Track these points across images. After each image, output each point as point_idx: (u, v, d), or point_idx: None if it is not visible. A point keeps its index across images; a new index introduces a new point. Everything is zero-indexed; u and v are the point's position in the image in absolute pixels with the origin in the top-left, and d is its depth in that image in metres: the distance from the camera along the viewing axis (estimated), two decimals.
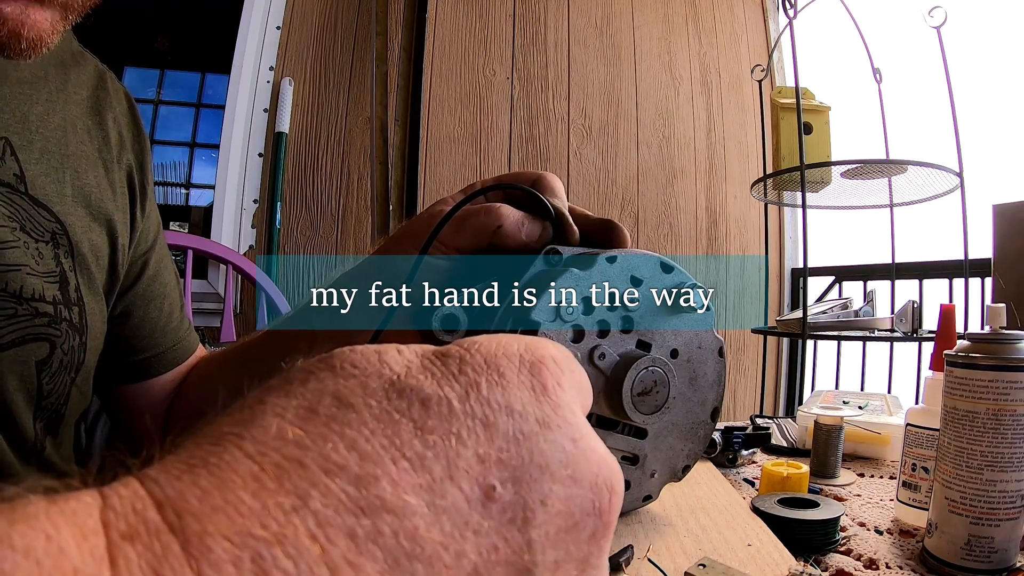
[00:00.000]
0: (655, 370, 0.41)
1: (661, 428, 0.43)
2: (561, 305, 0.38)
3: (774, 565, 0.36)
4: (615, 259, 0.40)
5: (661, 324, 0.42)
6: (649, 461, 0.43)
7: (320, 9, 1.74)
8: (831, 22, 1.58)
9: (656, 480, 0.44)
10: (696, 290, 0.42)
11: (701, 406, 0.44)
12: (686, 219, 2.01)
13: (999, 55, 1.51)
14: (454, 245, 0.40)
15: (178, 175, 2.24)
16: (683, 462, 0.44)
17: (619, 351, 0.41)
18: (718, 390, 0.45)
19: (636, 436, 0.42)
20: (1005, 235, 1.02)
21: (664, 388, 0.41)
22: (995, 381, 0.37)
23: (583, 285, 0.39)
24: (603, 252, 0.40)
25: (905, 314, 1.35)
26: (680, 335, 0.43)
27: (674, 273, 0.42)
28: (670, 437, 0.43)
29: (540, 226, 0.40)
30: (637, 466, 0.43)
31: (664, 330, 0.42)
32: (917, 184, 1.42)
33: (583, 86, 1.93)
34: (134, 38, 2.15)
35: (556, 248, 0.39)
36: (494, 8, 1.87)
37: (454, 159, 1.80)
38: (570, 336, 0.40)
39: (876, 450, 0.68)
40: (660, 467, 0.43)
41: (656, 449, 0.43)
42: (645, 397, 0.40)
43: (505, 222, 0.38)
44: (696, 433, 0.44)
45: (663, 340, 0.42)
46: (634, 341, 0.41)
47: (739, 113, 2.08)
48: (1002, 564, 0.38)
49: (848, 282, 1.85)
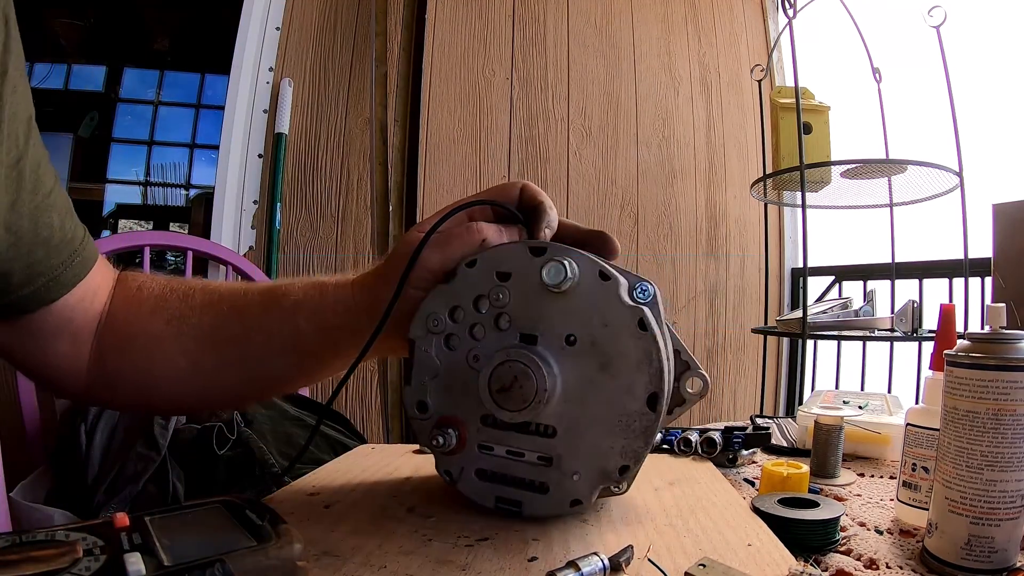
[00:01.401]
0: (511, 364, 0.38)
1: (572, 425, 0.39)
2: (429, 318, 0.41)
3: (774, 565, 0.36)
4: (475, 262, 0.41)
5: (546, 311, 0.39)
6: (566, 462, 0.40)
7: (320, 10, 1.74)
8: (831, 22, 1.58)
9: (581, 483, 0.40)
10: (549, 265, 0.38)
11: (627, 394, 0.38)
12: (686, 219, 2.01)
13: (999, 55, 1.51)
14: (442, 268, 0.42)
15: (178, 176, 2.24)
16: (617, 462, 0.39)
17: (496, 349, 0.40)
18: (649, 370, 0.37)
19: (544, 435, 0.40)
20: (1005, 235, 1.02)
21: (528, 381, 0.38)
22: (995, 381, 0.37)
23: (448, 296, 0.41)
24: (466, 259, 0.41)
25: (905, 314, 1.35)
26: (571, 318, 0.38)
27: (546, 254, 0.39)
28: (589, 434, 0.39)
29: (517, 231, 0.43)
30: (553, 467, 0.40)
31: (551, 316, 0.39)
32: (917, 184, 1.42)
33: (583, 86, 1.93)
34: (134, 38, 2.15)
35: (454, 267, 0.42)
36: (494, 8, 1.87)
37: (454, 159, 1.80)
38: (446, 345, 0.42)
39: (876, 450, 0.68)
40: (583, 468, 0.39)
41: (572, 448, 0.39)
42: (507, 393, 0.38)
43: (487, 234, 0.42)
44: (629, 426, 0.38)
45: (551, 327, 0.39)
46: (516, 336, 0.40)
47: (739, 113, 2.08)
48: (1002, 564, 0.38)
49: (848, 282, 1.85)
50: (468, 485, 0.43)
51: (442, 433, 0.40)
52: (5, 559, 0.23)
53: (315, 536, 0.39)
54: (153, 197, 2.17)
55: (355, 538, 0.39)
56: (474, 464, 0.42)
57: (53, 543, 0.24)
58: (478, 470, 0.42)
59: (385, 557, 0.36)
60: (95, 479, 0.95)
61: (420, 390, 0.42)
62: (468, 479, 0.42)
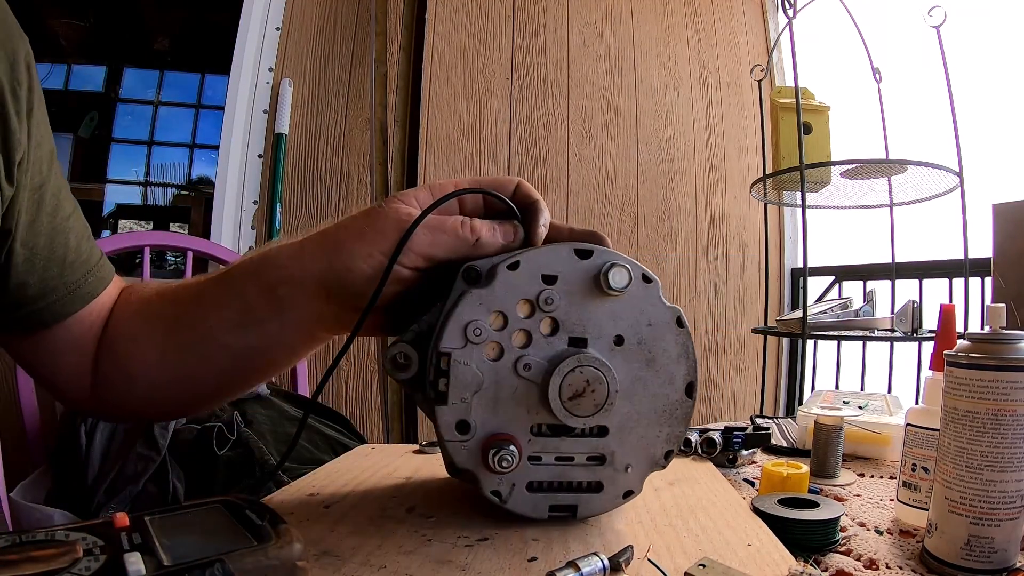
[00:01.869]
0: (585, 369, 0.38)
1: (623, 421, 0.40)
2: (468, 327, 0.37)
3: (774, 565, 0.36)
4: (517, 264, 0.38)
5: (594, 314, 0.39)
6: (619, 457, 0.41)
7: (319, 10, 1.74)
8: (831, 22, 1.58)
9: (633, 473, 0.41)
10: (615, 269, 0.38)
11: (670, 385, 0.41)
12: (686, 219, 2.01)
13: (999, 55, 1.51)
14: (426, 255, 0.40)
15: (178, 176, 2.24)
16: (663, 448, 0.41)
17: (549, 355, 0.38)
18: (687, 363, 0.41)
19: (597, 436, 0.40)
20: (1005, 235, 1.02)
21: (601, 384, 0.38)
22: (995, 381, 0.37)
23: (489, 301, 0.38)
24: (504, 260, 0.39)
25: (905, 314, 1.35)
26: (620, 319, 0.39)
27: (595, 256, 0.39)
28: (639, 427, 0.41)
29: (511, 227, 0.41)
30: (606, 465, 0.41)
31: (599, 319, 0.39)
32: (917, 184, 1.42)
33: (583, 86, 1.93)
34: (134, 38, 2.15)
35: (472, 266, 0.39)
36: (494, 8, 1.87)
37: (454, 160, 1.80)
38: (490, 355, 0.38)
39: (876, 450, 0.68)
40: (635, 459, 0.41)
41: (624, 443, 0.41)
42: (579, 400, 0.38)
43: (482, 234, 0.40)
44: (672, 415, 0.41)
45: (600, 330, 0.39)
46: (565, 340, 0.39)
47: (739, 113, 2.08)
48: (1002, 564, 0.38)
49: (848, 282, 1.85)
50: (519, 501, 0.40)
51: (504, 452, 0.37)
52: (5, 559, 0.23)
53: (315, 536, 0.39)
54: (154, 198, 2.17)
55: (355, 538, 0.38)
56: (525, 478, 0.40)
57: (53, 543, 0.24)
58: (529, 483, 0.40)
59: (385, 557, 0.36)
60: (95, 479, 0.95)
61: (461, 408, 0.38)
62: (519, 495, 0.40)
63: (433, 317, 0.39)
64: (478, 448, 0.38)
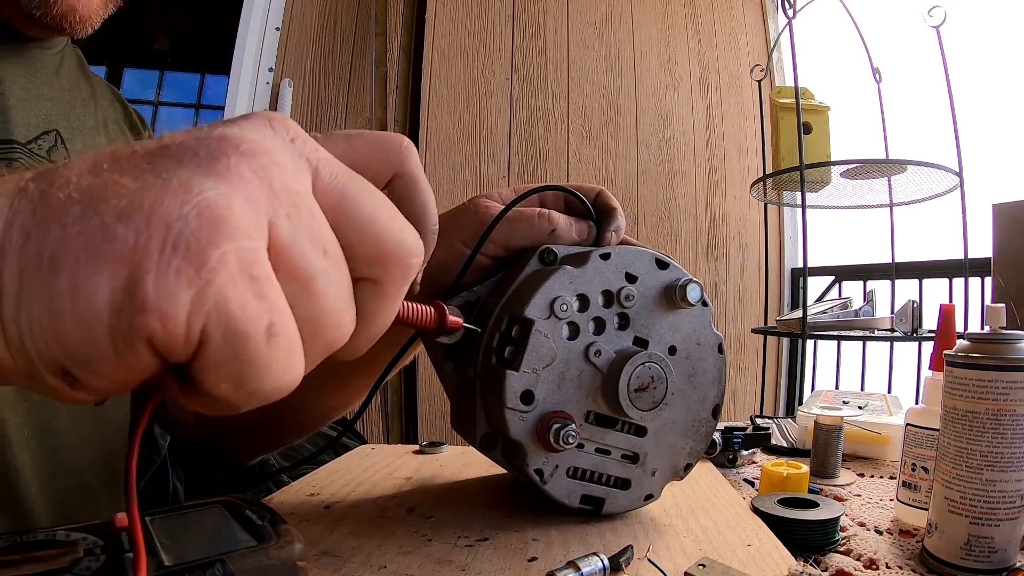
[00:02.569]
0: (652, 366, 0.40)
1: (661, 426, 0.42)
2: (556, 301, 0.38)
3: (774, 565, 0.36)
4: (609, 256, 0.40)
5: (658, 321, 0.42)
6: (650, 459, 0.42)
7: (319, 10, 1.74)
8: (831, 22, 1.58)
9: (658, 479, 0.43)
10: (692, 285, 0.41)
11: (701, 403, 0.43)
12: (686, 219, 2.01)
13: (999, 55, 1.51)
14: (505, 244, 0.43)
15: None
16: (684, 460, 0.44)
17: (615, 348, 0.40)
18: (719, 387, 0.44)
19: (636, 434, 0.42)
20: (1005, 235, 1.02)
21: (662, 384, 0.40)
22: (995, 381, 0.37)
23: (578, 282, 0.40)
24: (597, 249, 0.41)
25: (905, 314, 1.35)
26: (678, 331, 0.42)
27: (670, 269, 0.42)
28: (671, 435, 0.43)
29: (586, 225, 0.44)
30: (638, 464, 0.42)
31: (661, 327, 0.42)
32: (917, 184, 1.42)
33: (582, 87, 1.94)
34: (134, 38, 2.15)
35: (551, 247, 0.41)
36: (494, 9, 1.87)
37: (454, 160, 1.80)
38: (566, 333, 0.39)
39: (876, 450, 0.68)
40: (661, 465, 0.43)
41: (657, 447, 0.42)
42: (642, 393, 0.40)
43: (558, 225, 0.42)
44: (697, 431, 0.43)
45: (660, 336, 0.42)
46: (631, 338, 0.41)
47: (738, 113, 2.08)
48: (1002, 564, 0.38)
49: (848, 282, 1.85)
50: (557, 483, 0.41)
51: (568, 430, 0.38)
52: (5, 559, 0.23)
53: (315, 536, 0.39)
54: None
55: (355, 538, 0.39)
56: (569, 462, 0.40)
57: (53, 543, 0.25)
58: (571, 468, 0.41)
59: (385, 557, 0.36)
60: None
61: (531, 378, 0.38)
62: (559, 478, 0.40)
63: (485, 289, 0.42)
64: (535, 422, 0.38)
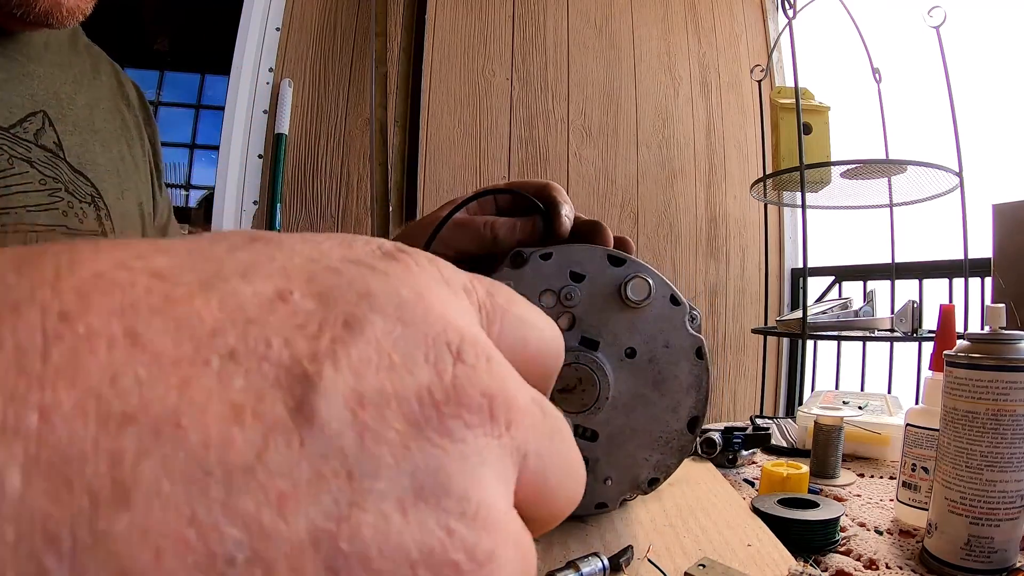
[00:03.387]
0: (579, 367, 0.38)
1: (614, 432, 0.40)
2: None
3: (774, 565, 0.36)
4: (550, 255, 0.39)
5: (611, 321, 0.39)
6: (601, 466, 0.40)
7: (320, 10, 1.74)
8: (831, 22, 1.58)
9: (612, 488, 0.41)
10: (635, 281, 0.38)
11: (672, 412, 0.40)
12: (686, 220, 2.01)
13: (999, 55, 1.51)
14: (456, 247, 0.43)
15: (178, 176, 2.24)
16: (648, 473, 0.41)
17: None
18: (696, 396, 0.40)
19: (587, 439, 0.40)
20: (1005, 235, 1.02)
21: (593, 386, 0.38)
22: (995, 381, 0.37)
23: (517, 284, 0.39)
24: (540, 250, 0.40)
25: (905, 314, 1.35)
26: (638, 333, 0.39)
27: (626, 265, 0.39)
28: (629, 444, 0.40)
29: (531, 223, 0.43)
30: (587, 470, 0.40)
31: (616, 327, 0.39)
32: (917, 184, 1.42)
33: (582, 87, 1.93)
34: (134, 38, 2.15)
35: (520, 250, 0.40)
36: (494, 9, 1.87)
37: (454, 160, 1.80)
38: None
39: (876, 450, 0.68)
40: (616, 474, 0.41)
41: (610, 455, 0.40)
42: (568, 395, 0.38)
43: (499, 232, 0.43)
44: (667, 443, 0.40)
45: (615, 338, 0.39)
46: (577, 338, 0.39)
47: (738, 113, 2.08)
48: (1002, 564, 0.38)
49: (848, 282, 1.85)
50: None
51: None
52: None
53: None
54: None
55: None
56: None
57: None
58: None
59: None
60: None
61: None
62: None
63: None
64: None
